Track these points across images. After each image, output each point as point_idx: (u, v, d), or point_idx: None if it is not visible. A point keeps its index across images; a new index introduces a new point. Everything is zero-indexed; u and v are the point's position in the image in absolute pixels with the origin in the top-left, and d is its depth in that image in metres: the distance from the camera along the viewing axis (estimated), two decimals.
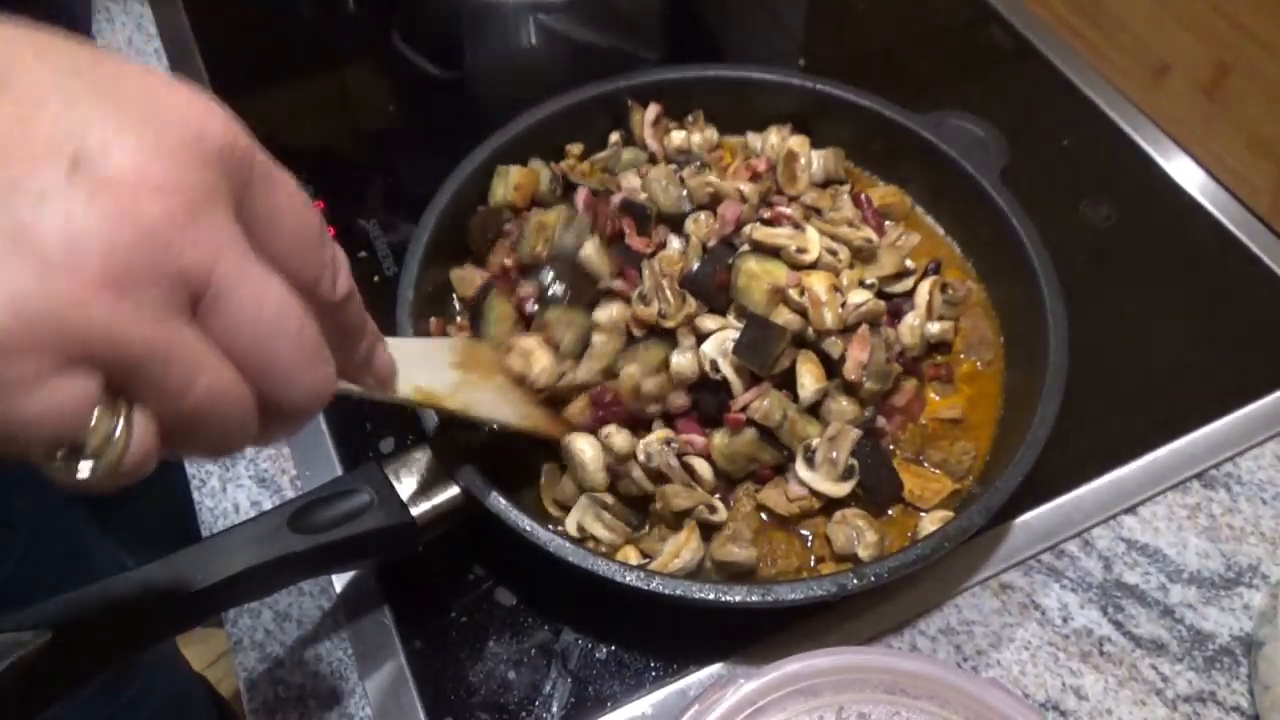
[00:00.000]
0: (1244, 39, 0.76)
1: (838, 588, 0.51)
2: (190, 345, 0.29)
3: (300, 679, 0.56)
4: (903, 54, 0.90)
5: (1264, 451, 0.65)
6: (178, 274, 0.28)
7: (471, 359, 0.56)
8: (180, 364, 0.29)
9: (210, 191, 0.29)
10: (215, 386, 0.30)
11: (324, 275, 0.34)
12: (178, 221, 0.28)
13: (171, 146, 0.28)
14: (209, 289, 0.29)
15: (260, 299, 0.30)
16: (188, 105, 0.29)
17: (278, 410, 0.33)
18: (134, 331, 0.27)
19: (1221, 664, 0.56)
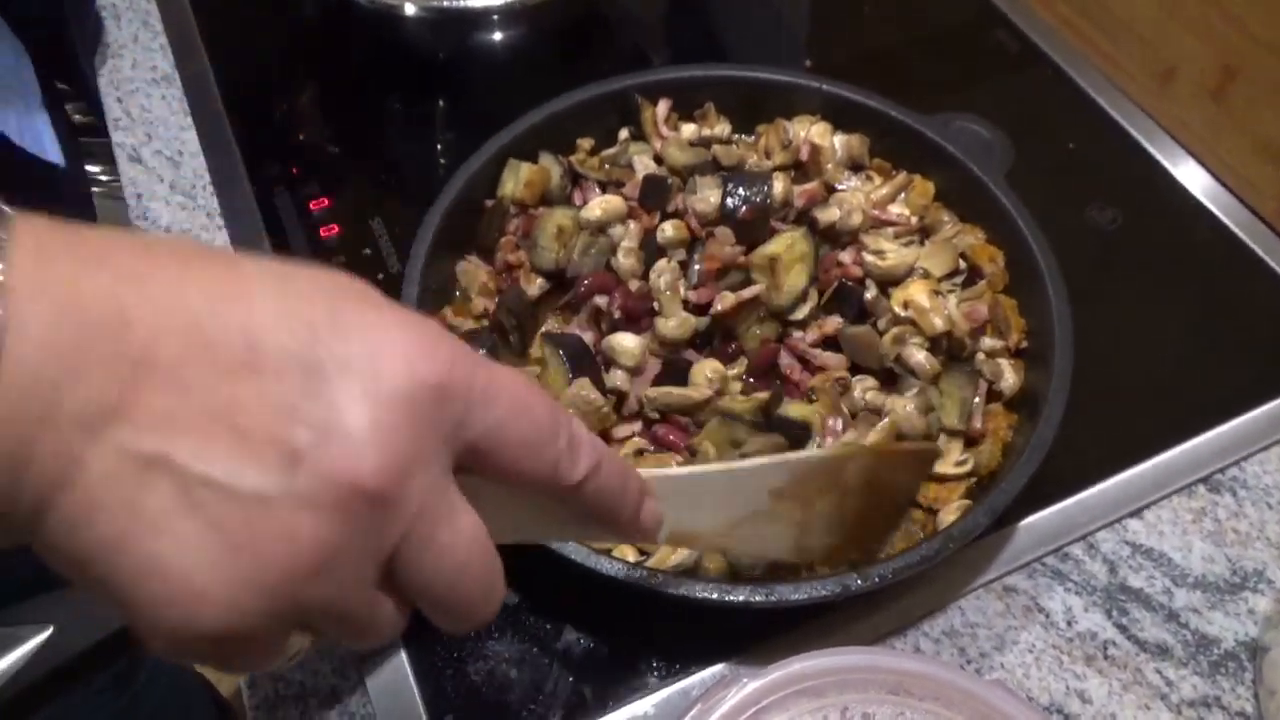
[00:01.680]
0: (1250, 43, 0.76)
1: (841, 588, 0.51)
2: (375, 602, 0.31)
3: (301, 676, 0.56)
4: (909, 56, 0.90)
5: (1270, 456, 0.65)
6: (379, 547, 0.30)
7: (815, 481, 0.46)
8: (365, 617, 0.31)
9: (422, 454, 0.30)
10: (387, 623, 0.32)
11: (560, 464, 0.34)
12: (387, 497, 0.29)
13: (389, 414, 0.29)
14: (400, 552, 0.30)
15: (446, 554, 0.31)
16: (409, 357, 0.30)
17: (443, 622, 0.34)
18: (333, 603, 0.30)
19: (1226, 669, 0.56)
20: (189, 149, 0.80)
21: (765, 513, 0.45)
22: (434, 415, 0.30)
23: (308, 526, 0.28)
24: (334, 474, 0.28)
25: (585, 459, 0.35)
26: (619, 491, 0.37)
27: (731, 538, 0.45)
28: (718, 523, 0.44)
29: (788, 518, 0.46)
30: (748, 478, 0.44)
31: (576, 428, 0.35)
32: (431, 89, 0.88)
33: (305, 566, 0.28)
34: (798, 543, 0.48)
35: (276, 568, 0.28)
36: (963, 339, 0.62)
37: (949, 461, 0.59)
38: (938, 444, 0.59)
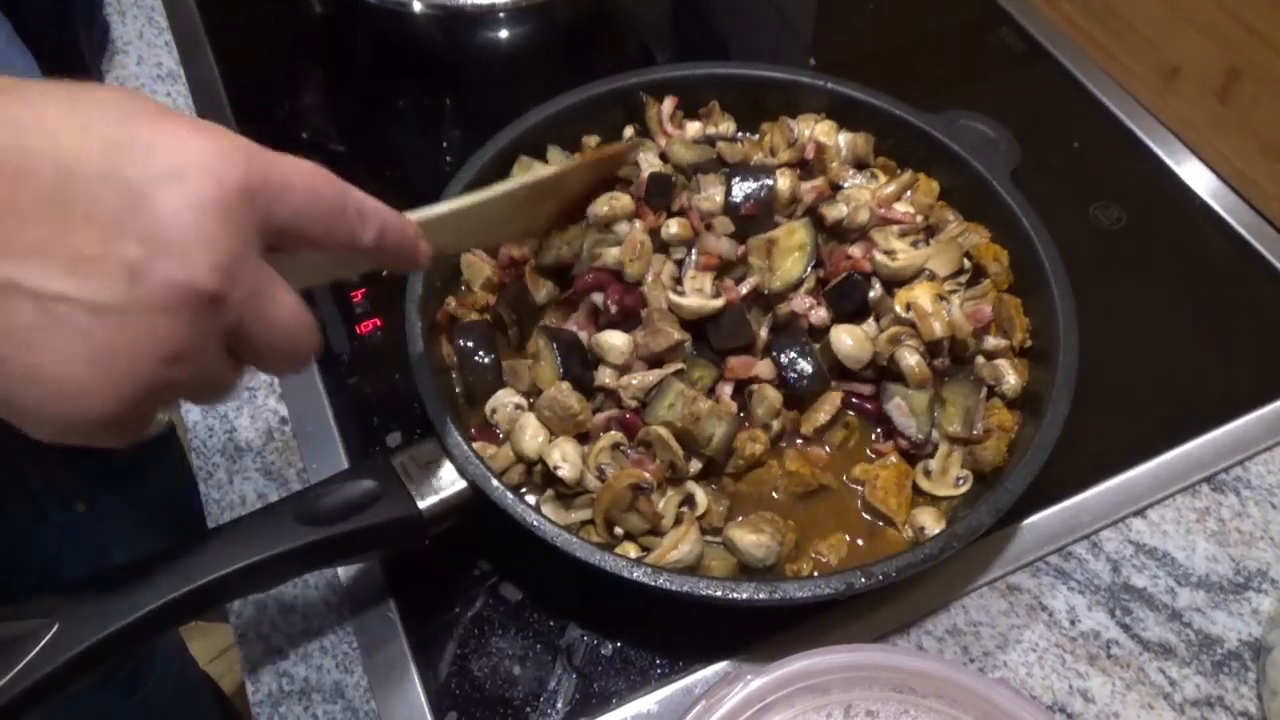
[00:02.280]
0: (1255, 42, 0.76)
1: (845, 586, 0.51)
2: (223, 370, 0.37)
3: (304, 672, 0.56)
4: (914, 54, 0.90)
5: (1274, 456, 0.65)
6: (221, 329, 0.36)
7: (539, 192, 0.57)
8: (217, 379, 0.38)
9: (241, 249, 0.35)
10: (231, 381, 0.38)
11: (353, 233, 0.40)
12: (222, 294, 0.34)
13: (205, 220, 0.34)
14: (238, 330, 0.36)
15: (274, 324, 0.37)
16: (210, 162, 0.34)
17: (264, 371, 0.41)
18: (191, 377, 0.36)
19: (1229, 668, 0.56)
20: None
21: (502, 220, 0.56)
22: (244, 212, 0.35)
23: (164, 327, 0.33)
24: (174, 281, 0.33)
25: (372, 225, 0.41)
26: (400, 243, 0.44)
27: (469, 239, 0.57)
28: (463, 238, 0.56)
29: (520, 219, 0.58)
30: (499, 201, 0.55)
31: (361, 198, 0.41)
32: (438, 86, 0.88)
33: (170, 356, 0.34)
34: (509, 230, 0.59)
35: (146, 362, 0.33)
36: (965, 340, 0.62)
37: (948, 480, 0.59)
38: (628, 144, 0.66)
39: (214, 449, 0.65)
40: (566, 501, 0.58)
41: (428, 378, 0.58)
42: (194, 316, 0.34)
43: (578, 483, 0.57)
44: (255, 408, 0.67)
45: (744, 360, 0.61)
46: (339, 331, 0.69)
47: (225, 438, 0.65)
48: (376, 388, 0.66)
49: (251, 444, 0.65)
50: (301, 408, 0.66)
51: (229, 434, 0.65)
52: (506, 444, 0.59)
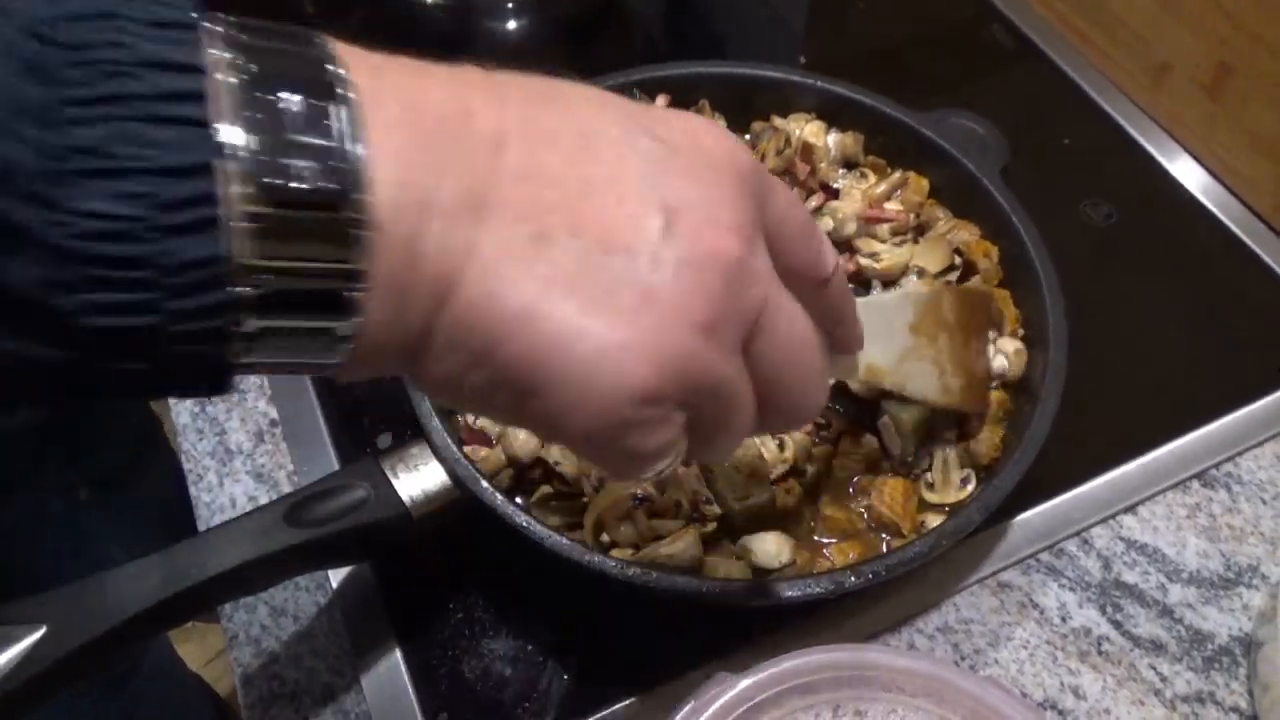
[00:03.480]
0: (1246, 39, 0.76)
1: (835, 585, 0.51)
2: (744, 377, 0.33)
3: (296, 674, 0.56)
4: (904, 52, 0.90)
5: (1264, 451, 0.65)
6: (748, 310, 0.32)
7: (930, 315, 0.52)
8: (737, 394, 0.33)
9: (756, 224, 0.33)
10: (747, 409, 0.34)
11: (820, 254, 0.37)
12: (746, 262, 0.31)
13: (725, 186, 0.32)
14: (761, 317, 0.32)
15: (792, 324, 0.34)
16: (720, 140, 0.33)
17: (778, 420, 0.36)
18: (722, 371, 0.31)
19: (1220, 664, 0.56)
20: None
21: (912, 349, 0.51)
22: (754, 191, 0.33)
23: (693, 285, 0.30)
24: (702, 239, 0.30)
25: (832, 254, 0.38)
26: (848, 294, 0.40)
27: (900, 375, 0.51)
28: (886, 358, 0.50)
29: (925, 354, 0.52)
30: (890, 309, 0.51)
31: (822, 230, 0.38)
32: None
33: (700, 324, 0.30)
34: (940, 382, 0.53)
35: (681, 324, 0.30)
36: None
37: (951, 485, 0.58)
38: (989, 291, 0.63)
39: (204, 452, 0.65)
40: (557, 505, 0.57)
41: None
42: (724, 279, 0.31)
43: (577, 479, 0.57)
44: (245, 410, 0.67)
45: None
46: None
47: (215, 440, 0.65)
48: (367, 389, 0.66)
49: (242, 446, 0.65)
50: (292, 410, 0.66)
51: (219, 436, 0.65)
52: (498, 447, 0.59)
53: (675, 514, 0.56)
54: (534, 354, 0.29)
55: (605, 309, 0.29)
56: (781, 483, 0.58)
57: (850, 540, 0.57)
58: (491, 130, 0.29)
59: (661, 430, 0.31)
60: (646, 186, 0.30)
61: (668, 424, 0.31)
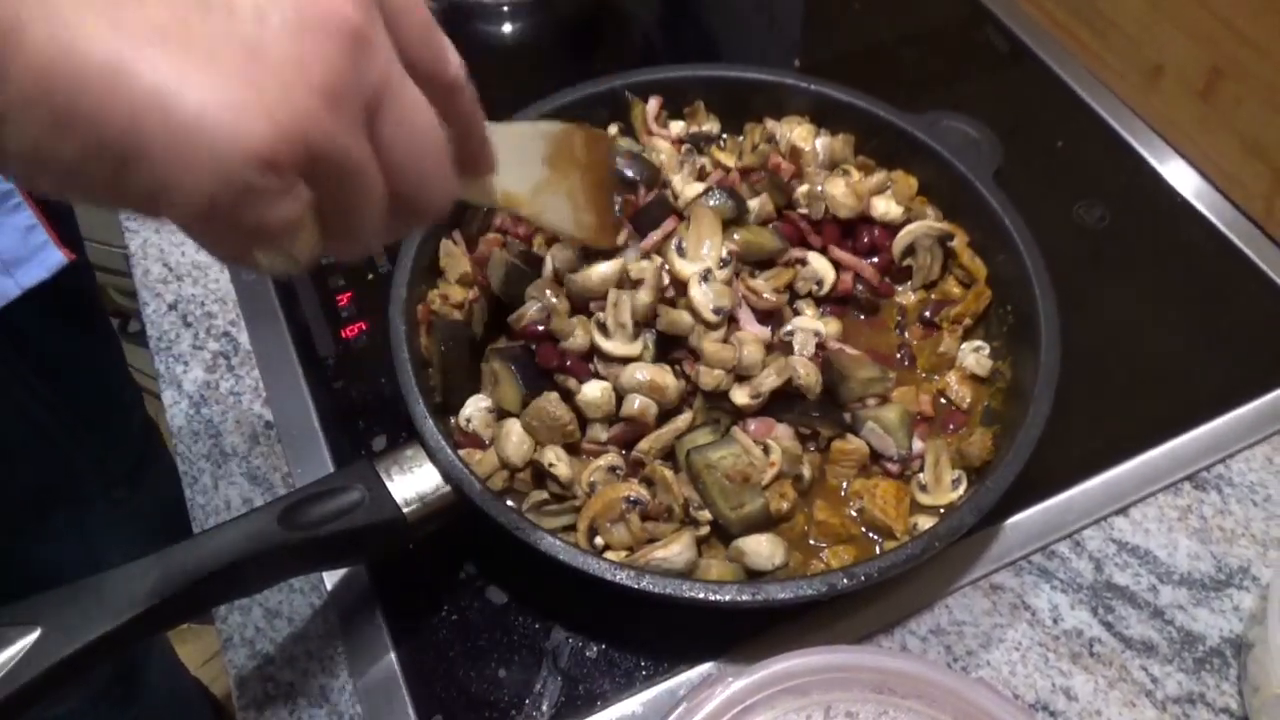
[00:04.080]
0: (1238, 42, 0.76)
1: (828, 587, 0.51)
2: (369, 156, 0.31)
3: (290, 676, 0.56)
4: (898, 55, 0.90)
5: (1255, 454, 0.65)
6: (368, 85, 0.30)
7: (563, 151, 0.53)
8: (364, 175, 0.31)
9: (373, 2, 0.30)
10: (376, 192, 0.32)
11: (440, 56, 0.36)
12: (364, 32, 0.29)
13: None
14: (381, 100, 0.31)
15: (415, 110, 0.32)
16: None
17: (407, 214, 0.34)
18: (345, 144, 0.30)
19: (1211, 665, 0.56)
20: None
21: (547, 181, 0.52)
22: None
23: (313, 50, 0.28)
24: (319, 4, 0.28)
25: (456, 58, 0.37)
26: (477, 110, 0.39)
27: (537, 205, 0.51)
28: (523, 186, 0.50)
29: (561, 187, 0.53)
30: (526, 138, 0.51)
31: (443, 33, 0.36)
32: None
33: (320, 87, 0.28)
34: (575, 215, 0.54)
35: (299, 86, 0.28)
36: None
37: (944, 487, 0.59)
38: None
39: (199, 454, 0.65)
40: (550, 508, 0.58)
41: (412, 383, 0.58)
42: (342, 48, 0.29)
43: (571, 483, 0.57)
44: (240, 412, 0.67)
45: (764, 422, 0.60)
46: (324, 335, 0.69)
47: (210, 443, 0.65)
48: (361, 391, 0.67)
49: (237, 449, 0.65)
50: (287, 412, 0.66)
51: (214, 439, 0.66)
52: (491, 449, 0.59)
53: (668, 517, 0.56)
54: (129, 112, 0.26)
55: (209, 65, 0.27)
56: (775, 486, 0.58)
57: (844, 544, 0.58)
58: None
59: (285, 202, 0.29)
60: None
61: (291, 196, 0.29)
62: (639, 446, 0.58)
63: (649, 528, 0.55)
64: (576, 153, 0.55)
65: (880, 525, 0.57)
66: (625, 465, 0.58)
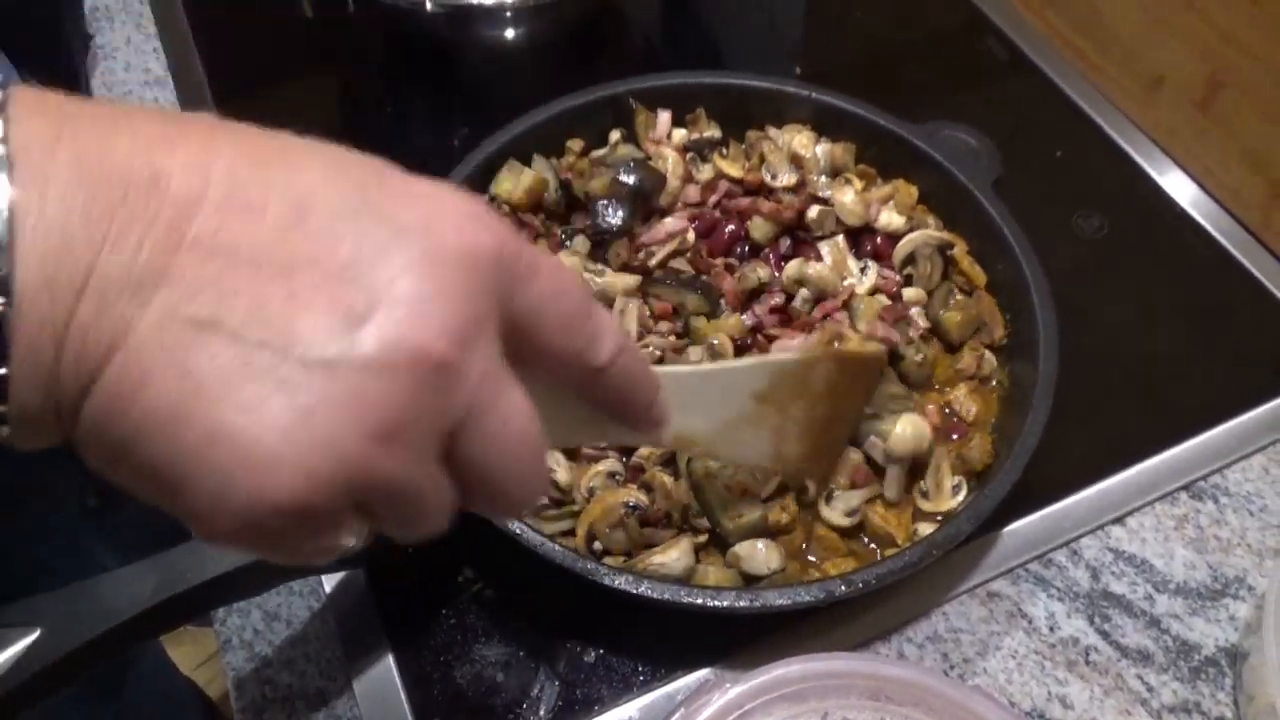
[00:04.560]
0: (1237, 53, 0.76)
1: (825, 594, 0.52)
2: (437, 478, 0.30)
3: (288, 679, 0.56)
4: (899, 63, 0.91)
5: (1252, 464, 0.65)
6: (445, 415, 0.29)
7: (790, 382, 0.48)
8: (425, 495, 0.30)
9: (481, 320, 0.29)
10: (441, 505, 0.31)
11: (591, 344, 0.34)
12: (449, 365, 0.28)
13: (450, 280, 0.28)
14: (466, 419, 0.29)
15: (506, 426, 0.30)
16: (462, 228, 0.29)
17: (487, 511, 0.34)
18: (401, 475, 0.28)
19: (1207, 675, 0.57)
20: None
21: (748, 417, 0.47)
22: (490, 282, 0.29)
23: (375, 390, 0.27)
24: (399, 339, 0.27)
25: (611, 342, 0.35)
26: (638, 378, 0.37)
27: (720, 441, 0.47)
28: (709, 426, 0.46)
29: (768, 422, 0.48)
30: (735, 378, 0.47)
31: (601, 312, 0.35)
32: (442, 85, 0.89)
33: (377, 433, 0.27)
34: (776, 449, 0.50)
35: (349, 433, 0.27)
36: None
37: (945, 493, 0.59)
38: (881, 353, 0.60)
39: None
40: (549, 513, 0.58)
41: None
42: (415, 385, 0.27)
43: (570, 488, 0.57)
44: None
45: None
46: None
47: None
48: None
49: None
50: None
51: None
52: None
53: (667, 523, 0.56)
54: (171, 459, 0.26)
55: (261, 414, 0.26)
56: (776, 499, 0.58)
57: (844, 558, 0.58)
58: (185, 194, 0.26)
59: (320, 535, 0.29)
60: (349, 275, 0.27)
61: (330, 527, 0.29)
62: (639, 452, 0.58)
63: (647, 533, 0.55)
64: (812, 382, 0.50)
65: (881, 533, 0.58)
66: (625, 471, 0.59)
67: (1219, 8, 0.77)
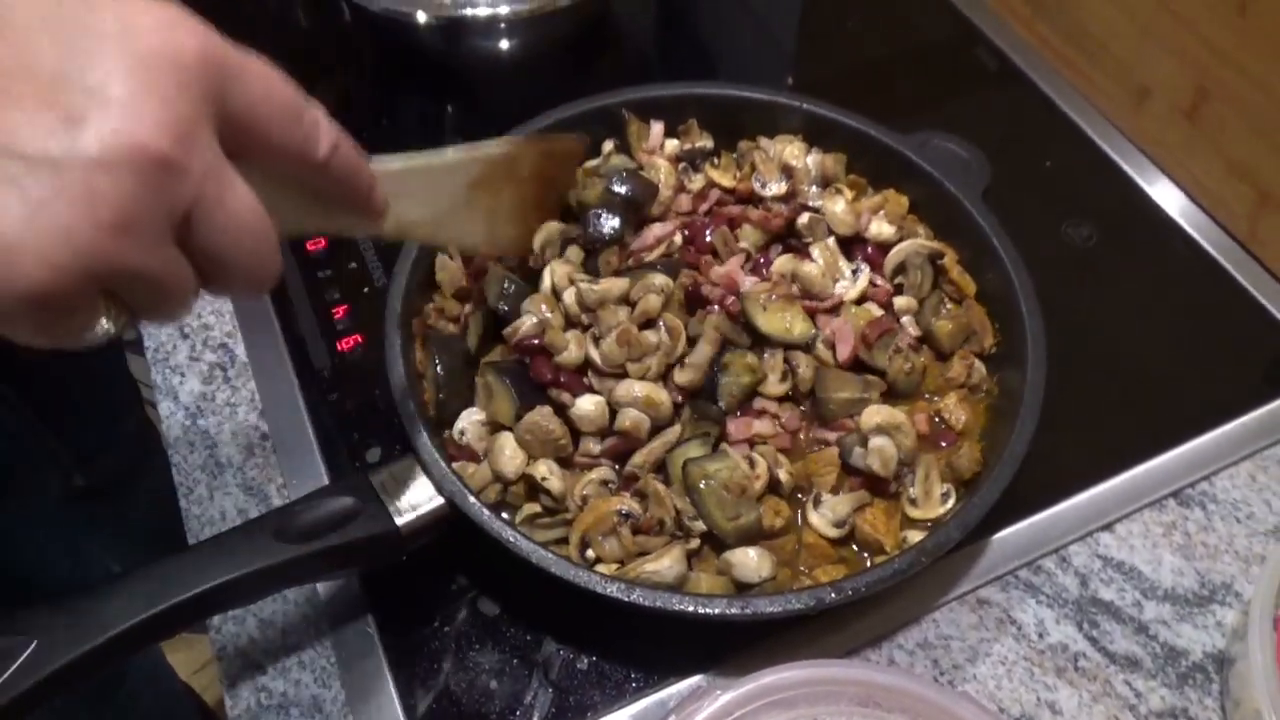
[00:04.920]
0: (1223, 65, 0.77)
1: (816, 601, 0.52)
2: (174, 262, 0.34)
3: (283, 686, 0.57)
4: (890, 74, 0.91)
5: (1239, 471, 0.66)
6: (173, 207, 0.32)
7: (499, 170, 0.54)
8: (166, 279, 0.34)
9: (195, 118, 0.32)
10: (184, 290, 0.35)
11: (308, 139, 0.38)
12: (171, 159, 0.31)
13: (157, 78, 0.31)
14: (193, 210, 0.33)
15: (231, 215, 0.34)
16: (159, 29, 0.32)
17: (228, 291, 0.38)
18: (140, 262, 0.32)
19: (1194, 680, 0.57)
20: None
21: (464, 202, 0.53)
22: (199, 81, 0.32)
23: (104, 185, 0.30)
24: (119, 136, 0.30)
25: (327, 137, 0.39)
26: (356, 169, 0.41)
27: (439, 226, 0.52)
28: (429, 212, 0.51)
29: (482, 207, 0.54)
30: (451, 170, 0.52)
31: (317, 110, 0.39)
32: (437, 96, 0.89)
33: (109, 223, 0.30)
34: (490, 230, 0.56)
35: (82, 225, 0.30)
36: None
37: (933, 500, 0.59)
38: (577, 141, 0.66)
39: (195, 465, 0.65)
40: (542, 521, 0.58)
41: (407, 397, 0.59)
42: (140, 178, 0.31)
43: (563, 496, 0.57)
44: (236, 424, 0.67)
45: (743, 421, 0.60)
46: (320, 348, 0.70)
47: (206, 453, 0.66)
48: (357, 404, 0.67)
49: (232, 459, 0.66)
50: (282, 423, 0.67)
51: (210, 449, 0.66)
52: (484, 463, 0.59)
53: (660, 530, 0.56)
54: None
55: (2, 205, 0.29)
56: (769, 503, 0.58)
57: (835, 565, 0.58)
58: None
59: (74, 316, 0.32)
60: (61, 82, 0.30)
61: (82, 310, 0.32)
62: (633, 460, 0.59)
63: (640, 541, 0.56)
64: (520, 169, 0.56)
65: (870, 541, 0.58)
66: (618, 479, 0.59)
67: (1206, 20, 0.78)
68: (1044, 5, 0.92)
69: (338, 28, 0.94)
